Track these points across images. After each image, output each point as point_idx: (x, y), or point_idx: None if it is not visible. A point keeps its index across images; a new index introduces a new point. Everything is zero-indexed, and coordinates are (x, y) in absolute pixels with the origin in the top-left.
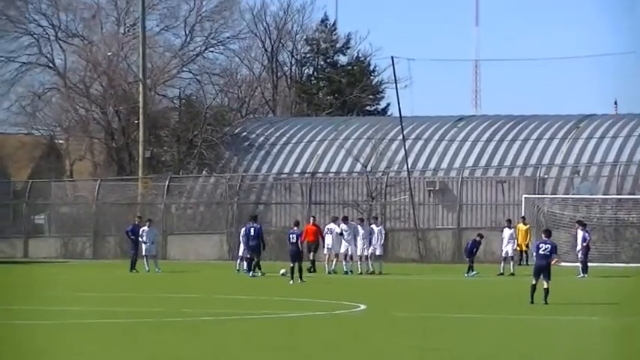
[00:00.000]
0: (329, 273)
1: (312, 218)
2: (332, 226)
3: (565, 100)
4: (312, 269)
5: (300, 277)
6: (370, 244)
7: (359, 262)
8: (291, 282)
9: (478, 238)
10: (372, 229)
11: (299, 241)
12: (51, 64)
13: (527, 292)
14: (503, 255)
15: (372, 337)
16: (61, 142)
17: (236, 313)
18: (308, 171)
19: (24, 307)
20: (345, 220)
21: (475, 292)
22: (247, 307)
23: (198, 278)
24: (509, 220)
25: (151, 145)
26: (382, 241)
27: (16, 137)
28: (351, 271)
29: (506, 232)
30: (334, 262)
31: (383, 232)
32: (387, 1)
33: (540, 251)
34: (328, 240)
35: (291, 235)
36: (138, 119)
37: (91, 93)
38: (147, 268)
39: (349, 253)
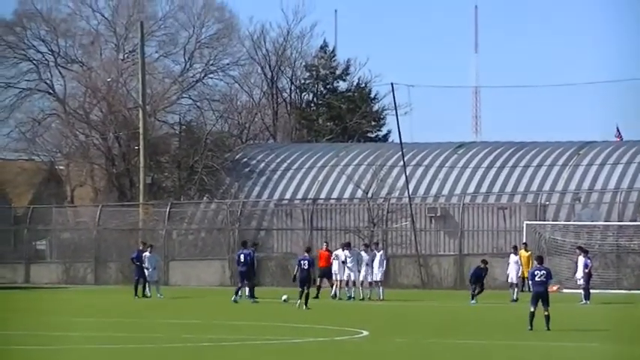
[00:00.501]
0: (332, 298)
1: (325, 244)
2: (339, 252)
3: (565, 127)
4: (317, 296)
5: (306, 304)
6: (372, 270)
7: (361, 288)
8: (298, 303)
9: (482, 265)
10: (375, 254)
11: (310, 268)
12: (50, 90)
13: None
14: (510, 281)
15: None
16: (61, 167)
17: (237, 339)
18: (309, 197)
19: (24, 333)
20: (348, 246)
21: (477, 318)
22: (249, 333)
23: (200, 304)
24: (515, 247)
25: (151, 171)
26: (384, 267)
27: (17, 163)
28: (353, 297)
29: (512, 258)
30: (336, 288)
31: (384, 257)
32: (387, 27)
33: (536, 278)
34: (335, 266)
35: (302, 262)
36: (138, 145)
37: (90, 119)
38: (149, 294)
39: (352, 279)
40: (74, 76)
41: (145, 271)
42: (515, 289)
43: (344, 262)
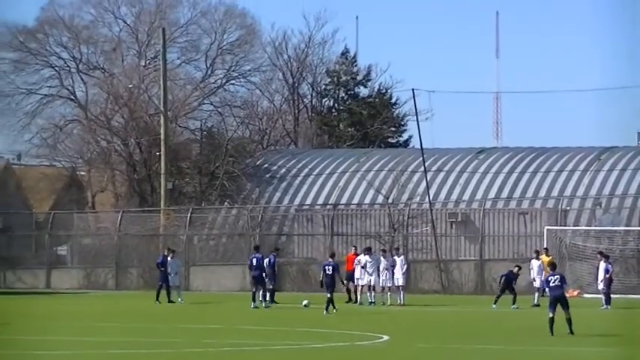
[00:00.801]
0: (354, 303)
1: (353, 247)
2: (361, 257)
3: (586, 132)
4: (349, 299)
5: (327, 309)
6: (393, 275)
7: (381, 294)
8: (325, 313)
9: (516, 270)
10: (395, 260)
11: (335, 273)
12: (72, 97)
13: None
14: (536, 286)
15: None
16: (82, 173)
17: (258, 344)
18: (330, 202)
19: (44, 338)
20: (369, 251)
21: (498, 323)
22: (269, 338)
23: (221, 309)
24: (537, 252)
25: (172, 177)
26: (405, 272)
27: (38, 169)
28: (374, 302)
29: (535, 263)
30: (359, 292)
31: (405, 262)
32: (408, 33)
33: (551, 284)
34: (356, 271)
35: (327, 267)
36: (159, 151)
37: (112, 125)
38: (174, 300)
39: (372, 284)
40: (96, 83)
41: (170, 275)
42: (536, 294)
43: (364, 267)
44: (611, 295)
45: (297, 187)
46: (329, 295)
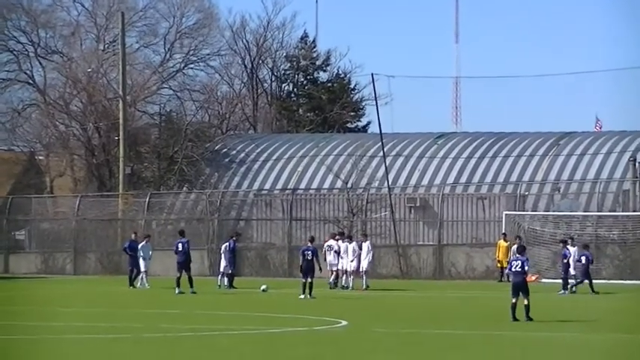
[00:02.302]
0: (331, 288)
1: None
2: (332, 242)
3: (545, 117)
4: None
5: (310, 293)
6: (359, 260)
7: (344, 278)
8: (302, 296)
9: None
10: (361, 245)
11: (314, 258)
12: (30, 81)
13: (508, 307)
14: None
15: (351, 353)
16: (41, 158)
17: (216, 329)
18: (289, 187)
19: (2, 323)
20: (342, 235)
21: (456, 308)
22: (228, 323)
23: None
24: (572, 238)
25: (131, 162)
26: (371, 258)
27: None
28: (347, 287)
29: (571, 249)
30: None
31: (371, 248)
32: (367, 18)
33: (513, 268)
34: (329, 257)
35: (306, 252)
36: (118, 135)
37: (70, 109)
38: (140, 285)
39: (349, 268)
40: (54, 67)
41: (142, 261)
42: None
43: (337, 252)
44: (570, 281)
45: (256, 171)
46: (310, 280)
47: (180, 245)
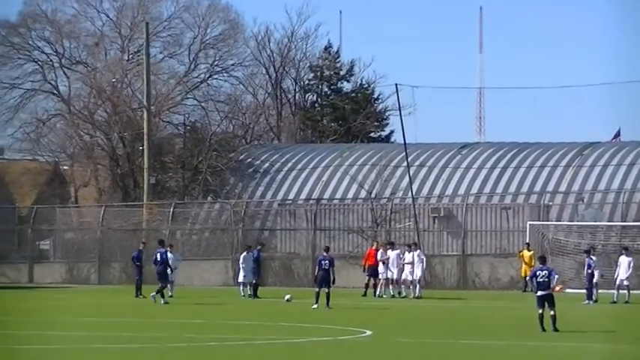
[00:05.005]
0: (378, 297)
1: (375, 243)
2: (389, 253)
3: (569, 127)
4: (365, 294)
5: (327, 304)
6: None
7: (390, 288)
8: (315, 306)
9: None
10: (412, 255)
11: (331, 268)
12: (55, 91)
13: (534, 319)
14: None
15: None
16: (65, 168)
17: (242, 339)
18: (313, 197)
19: (28, 333)
20: (392, 245)
21: (481, 318)
22: (252, 333)
23: (203, 304)
24: (626, 248)
25: (155, 172)
26: (424, 267)
27: (21, 163)
28: (399, 294)
29: (623, 259)
30: (380, 287)
31: (423, 257)
32: (391, 28)
33: (539, 279)
34: (380, 266)
35: (323, 262)
36: (142, 145)
37: (95, 119)
38: (171, 294)
39: (394, 277)
40: (79, 77)
41: (169, 271)
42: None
43: (383, 263)
44: (594, 291)
45: (280, 181)
46: (327, 291)
47: (158, 255)
